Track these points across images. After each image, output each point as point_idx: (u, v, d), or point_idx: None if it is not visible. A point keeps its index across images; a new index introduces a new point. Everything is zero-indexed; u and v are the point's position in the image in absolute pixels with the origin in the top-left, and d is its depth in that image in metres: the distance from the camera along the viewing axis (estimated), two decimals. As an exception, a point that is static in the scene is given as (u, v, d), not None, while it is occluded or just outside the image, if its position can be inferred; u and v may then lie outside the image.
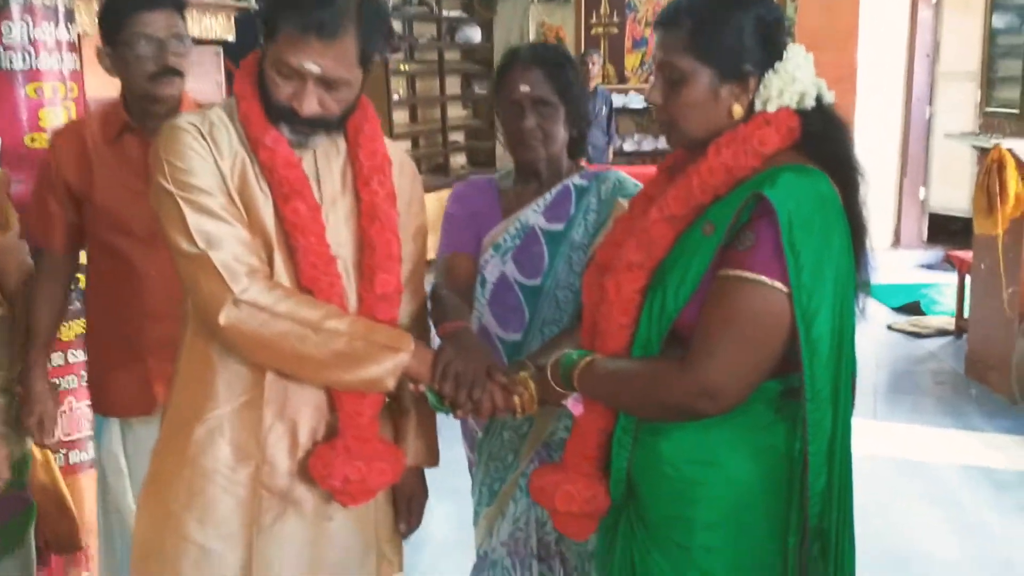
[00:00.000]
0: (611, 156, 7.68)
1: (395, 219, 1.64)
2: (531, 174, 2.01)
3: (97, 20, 2.18)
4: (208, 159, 1.53)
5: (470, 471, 2.19)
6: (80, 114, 2.76)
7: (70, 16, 2.82)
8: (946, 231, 7.70)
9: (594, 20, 8.44)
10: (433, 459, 1.79)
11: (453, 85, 8.67)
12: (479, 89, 8.79)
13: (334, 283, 1.58)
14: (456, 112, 8.76)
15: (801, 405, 1.39)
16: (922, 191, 7.88)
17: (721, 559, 1.44)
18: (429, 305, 1.87)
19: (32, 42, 2.67)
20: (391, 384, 1.57)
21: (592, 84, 7.45)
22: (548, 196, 2.00)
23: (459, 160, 8.87)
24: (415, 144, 8.20)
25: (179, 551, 1.55)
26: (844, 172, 1.45)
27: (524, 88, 1.92)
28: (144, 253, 2.08)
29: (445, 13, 8.27)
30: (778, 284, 1.35)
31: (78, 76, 2.80)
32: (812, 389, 1.37)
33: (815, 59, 1.46)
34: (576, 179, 2.01)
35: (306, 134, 1.56)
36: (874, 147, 7.07)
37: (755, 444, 1.44)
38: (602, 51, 8.27)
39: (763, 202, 1.36)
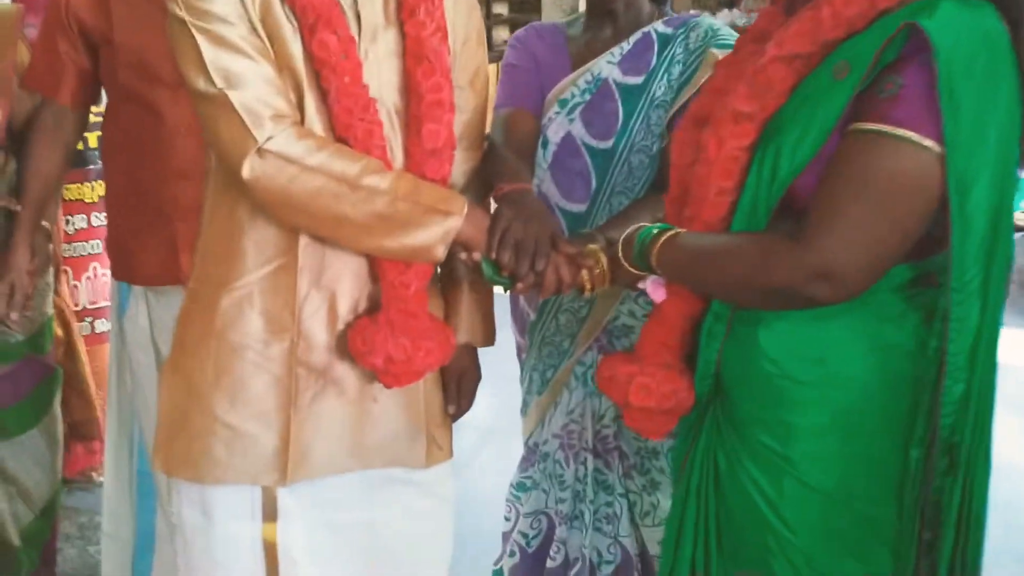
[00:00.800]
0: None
1: (445, 59, 1.39)
2: (606, 18, 1.72)
3: None
4: None
5: (519, 356, 1.98)
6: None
7: None
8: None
9: None
10: (489, 337, 1.59)
11: (499, -49, 8.18)
12: (526, -44, 8.27)
13: (372, 131, 1.35)
14: (501, -19, 8.29)
15: (942, 295, 1.14)
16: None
17: (826, 471, 1.22)
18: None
19: None
20: (440, 253, 1.35)
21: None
22: (626, 45, 1.71)
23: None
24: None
25: (209, 431, 1.38)
26: (1016, 6, 1.15)
27: None
28: (173, 101, 1.84)
29: None
30: (929, 142, 1.08)
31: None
32: (960, 276, 1.12)
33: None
34: (659, 26, 1.72)
35: None
36: None
37: (877, 340, 1.20)
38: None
39: (917, 36, 1.08)
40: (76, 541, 2.63)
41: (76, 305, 2.94)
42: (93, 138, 2.79)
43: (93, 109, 2.12)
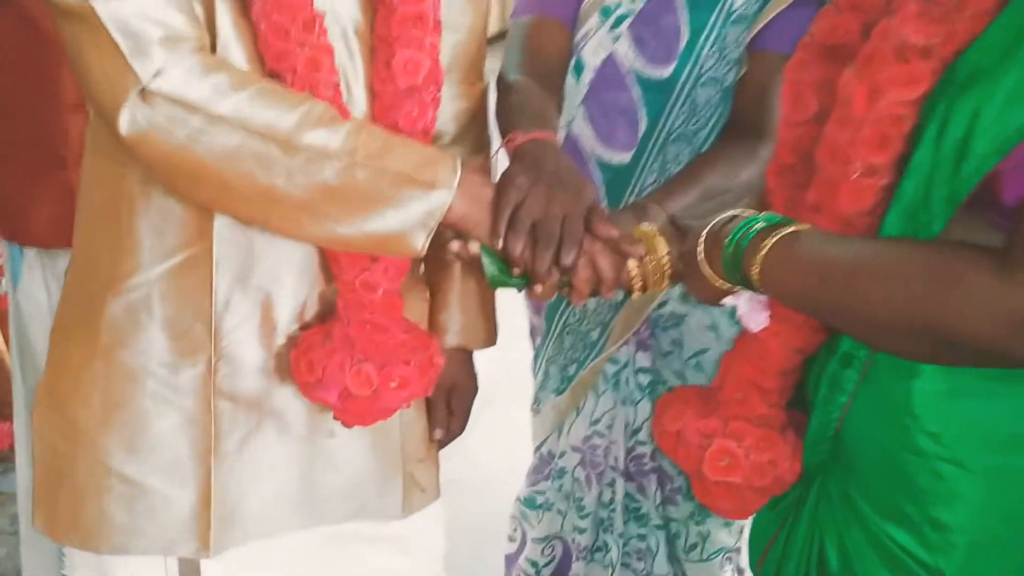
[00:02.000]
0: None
1: None
2: None
3: None
4: None
5: (531, 338, 1.55)
6: None
7: None
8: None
9: None
10: (490, 336, 1.19)
11: None
12: None
13: (319, 60, 0.94)
14: None
15: None
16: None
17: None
18: (493, 103, 1.16)
19: None
20: (420, 243, 0.93)
21: None
22: (694, -72, 1.22)
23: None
24: None
25: (100, 487, 1.01)
26: None
27: None
28: None
29: None
30: None
31: None
32: None
33: None
34: (743, -98, 1.22)
35: None
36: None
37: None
38: None
39: None
40: (8, 538, 2.18)
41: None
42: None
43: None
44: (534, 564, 1.53)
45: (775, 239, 0.81)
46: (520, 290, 0.98)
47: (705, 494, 0.93)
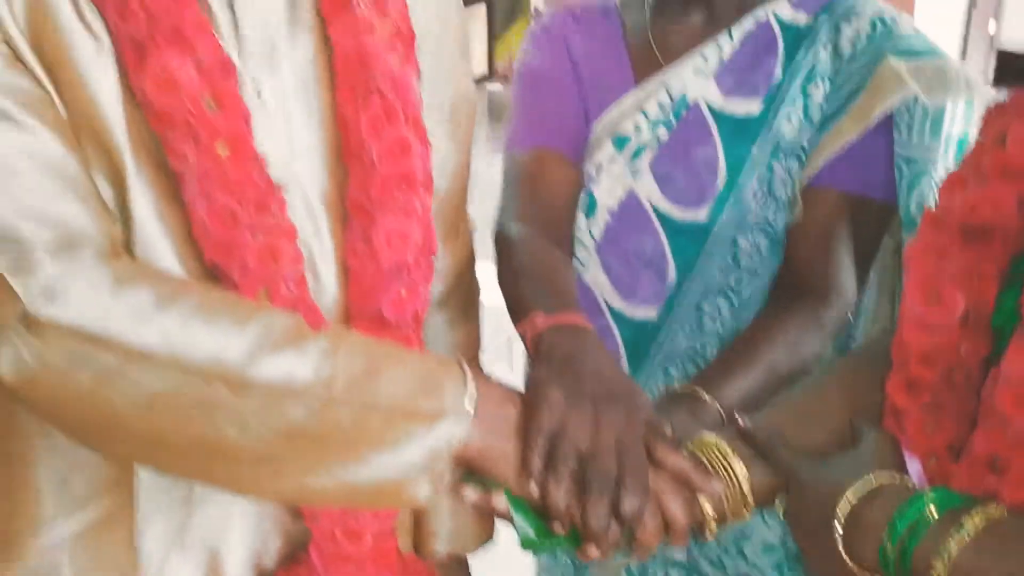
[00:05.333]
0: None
1: (411, 88, 0.78)
2: (692, -1, 1.02)
3: None
4: None
5: None
6: None
7: None
8: (1017, 70, 6.68)
9: None
10: (487, 532, 0.96)
11: None
12: None
13: (277, 249, 0.72)
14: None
15: None
16: (992, 24, 6.80)
17: None
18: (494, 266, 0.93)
19: None
20: (423, 491, 0.71)
21: None
22: (726, 42, 1.01)
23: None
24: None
25: None
26: None
27: None
28: None
29: None
30: None
31: None
32: None
33: None
34: (783, 9, 1.01)
35: None
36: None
37: None
38: None
39: None
40: None
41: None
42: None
43: None
44: None
45: (963, 534, 0.58)
46: (564, 549, 0.75)
47: None
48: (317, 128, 0.76)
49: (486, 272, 0.95)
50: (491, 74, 7.43)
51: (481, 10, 7.31)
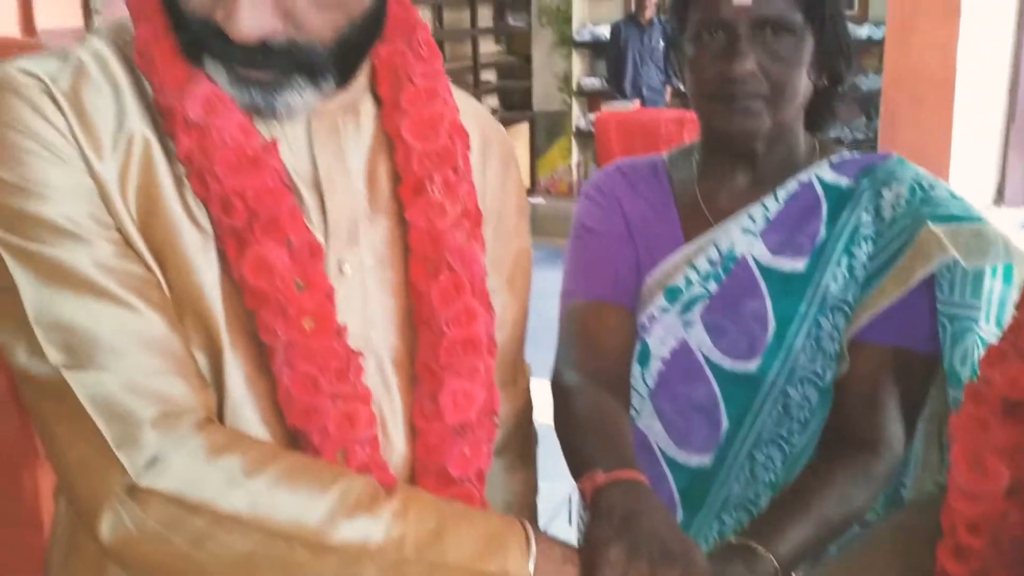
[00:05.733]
0: (668, 97, 6.67)
1: (479, 264, 0.85)
2: (739, 158, 1.09)
3: None
4: (70, 156, 0.71)
5: None
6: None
7: None
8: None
9: (648, -60, 7.31)
10: None
11: (485, 17, 7.64)
12: (514, 21, 7.75)
13: (355, 415, 0.78)
14: (488, 48, 7.74)
15: None
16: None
17: None
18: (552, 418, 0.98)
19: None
20: None
21: (647, 15, 6.45)
22: (772, 202, 1.08)
23: (491, 102, 7.88)
24: (442, 84, 7.21)
25: None
26: None
27: (741, 0, 0.98)
28: None
29: (477, -67, 7.22)
30: None
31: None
32: None
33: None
34: (826, 172, 1.08)
35: (265, 88, 0.73)
36: (977, 87, 6.07)
37: None
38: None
39: None
40: None
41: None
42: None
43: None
44: None
45: None
46: None
47: None
48: (391, 297, 0.82)
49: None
50: (533, 188, 7.69)
51: (524, 128, 7.61)
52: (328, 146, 0.80)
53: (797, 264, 1.05)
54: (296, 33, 0.71)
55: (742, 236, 1.07)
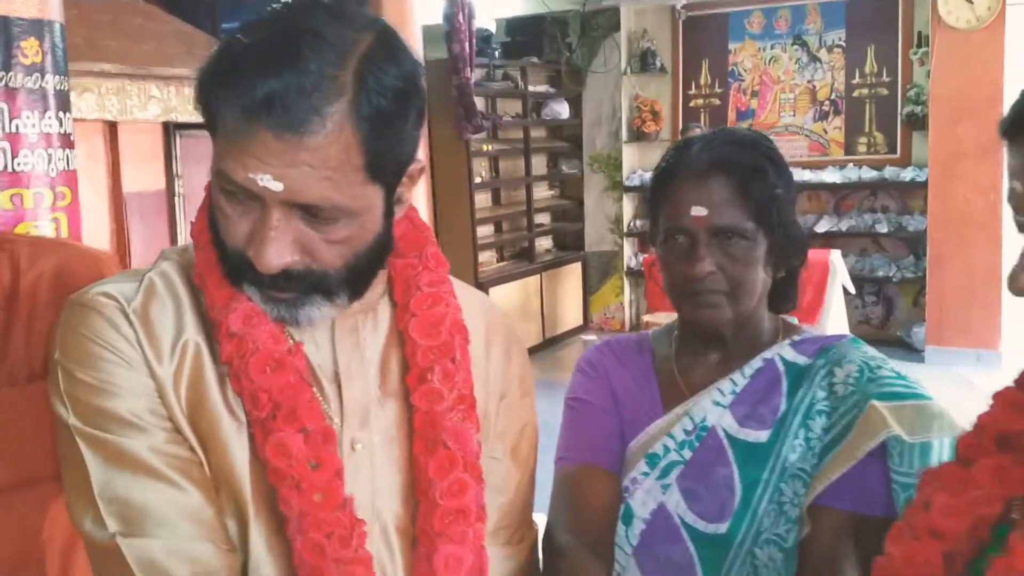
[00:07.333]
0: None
1: (471, 443, 0.98)
2: (711, 339, 1.23)
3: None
4: (136, 361, 0.89)
5: None
6: (75, 227, 2.11)
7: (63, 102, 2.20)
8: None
9: (693, 91, 7.68)
10: None
11: (539, 165, 8.02)
12: (567, 168, 8.11)
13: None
14: (542, 193, 8.09)
15: None
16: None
17: None
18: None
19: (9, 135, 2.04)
20: None
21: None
22: (740, 377, 1.21)
23: (545, 244, 8.17)
24: (498, 228, 7.53)
25: None
26: None
27: (698, 211, 1.15)
28: None
29: (531, 88, 7.64)
30: None
31: (72, 179, 2.17)
32: None
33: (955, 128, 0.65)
34: (787, 351, 1.22)
35: (289, 304, 0.90)
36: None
37: None
38: (703, 125, 7.50)
39: None
40: None
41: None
42: None
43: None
44: None
45: None
46: None
47: None
48: (397, 471, 0.97)
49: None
50: (586, 325, 7.88)
51: (577, 268, 7.86)
52: (347, 342, 0.97)
53: (760, 435, 1.17)
54: (311, 262, 0.88)
55: (713, 408, 1.20)
